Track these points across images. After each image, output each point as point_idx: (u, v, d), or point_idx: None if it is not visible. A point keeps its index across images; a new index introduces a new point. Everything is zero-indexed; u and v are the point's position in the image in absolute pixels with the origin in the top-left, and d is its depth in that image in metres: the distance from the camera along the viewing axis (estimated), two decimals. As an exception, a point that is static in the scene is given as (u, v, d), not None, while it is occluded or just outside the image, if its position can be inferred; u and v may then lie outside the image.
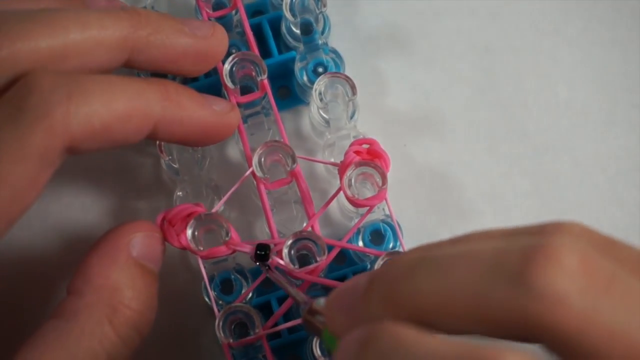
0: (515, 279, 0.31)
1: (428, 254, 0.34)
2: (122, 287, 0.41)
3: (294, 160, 0.46)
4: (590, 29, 0.53)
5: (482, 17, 0.54)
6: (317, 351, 0.44)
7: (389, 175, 0.46)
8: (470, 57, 0.53)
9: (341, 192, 0.46)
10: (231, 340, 0.44)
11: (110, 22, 0.41)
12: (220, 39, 0.45)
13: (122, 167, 0.51)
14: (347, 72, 0.48)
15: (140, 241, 0.42)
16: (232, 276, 0.47)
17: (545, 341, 0.31)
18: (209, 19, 0.48)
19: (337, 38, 0.52)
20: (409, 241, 0.48)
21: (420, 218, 0.50)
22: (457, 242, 0.34)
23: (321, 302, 0.39)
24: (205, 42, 0.44)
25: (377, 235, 0.47)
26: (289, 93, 0.52)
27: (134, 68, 0.44)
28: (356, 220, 0.48)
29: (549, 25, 0.54)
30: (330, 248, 0.45)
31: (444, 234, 0.49)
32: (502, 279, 0.31)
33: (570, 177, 0.51)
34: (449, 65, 0.53)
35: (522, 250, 0.31)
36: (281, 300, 0.46)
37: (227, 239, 0.44)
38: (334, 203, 0.48)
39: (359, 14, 0.53)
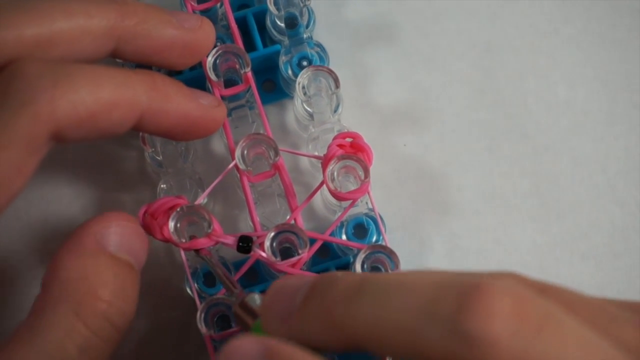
0: (448, 322, 0.31)
1: (370, 278, 0.34)
2: (88, 279, 0.40)
3: (276, 153, 0.46)
4: (590, 29, 0.53)
5: (482, 17, 0.53)
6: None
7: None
8: (470, 57, 0.53)
9: (325, 186, 0.46)
10: (213, 333, 0.44)
11: (96, 11, 0.41)
12: (207, 32, 0.45)
13: (106, 160, 0.51)
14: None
15: (114, 232, 0.41)
16: (215, 269, 0.47)
17: None
18: (194, 12, 0.49)
19: (337, 38, 0.52)
20: (407, 239, 0.47)
21: (420, 217, 0.50)
22: (401, 272, 0.35)
23: (256, 299, 0.40)
24: (192, 34, 0.44)
25: (360, 229, 0.47)
26: (274, 87, 0.52)
27: (120, 58, 0.44)
28: (339, 214, 0.47)
29: (549, 25, 0.53)
30: (313, 241, 0.45)
31: (444, 233, 0.49)
32: (437, 321, 0.31)
33: (570, 177, 0.51)
34: (449, 65, 0.53)
35: (458, 291, 0.31)
36: (263, 294, 0.46)
37: (209, 231, 0.44)
38: (318, 197, 0.48)
39: (359, 14, 0.53)
